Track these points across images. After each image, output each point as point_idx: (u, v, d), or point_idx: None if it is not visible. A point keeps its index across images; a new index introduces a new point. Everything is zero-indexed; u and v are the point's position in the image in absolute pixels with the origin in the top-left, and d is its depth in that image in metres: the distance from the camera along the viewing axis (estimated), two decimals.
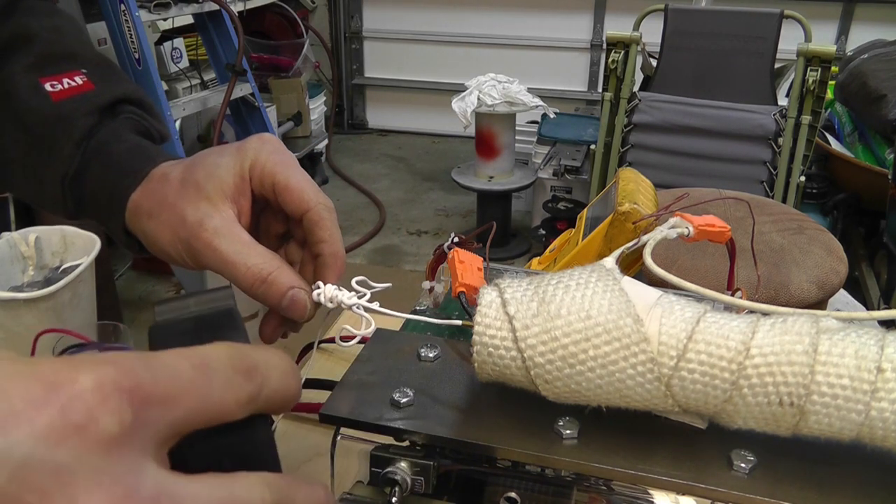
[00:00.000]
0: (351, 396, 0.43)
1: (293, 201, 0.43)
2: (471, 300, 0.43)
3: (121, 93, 0.49)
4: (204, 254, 0.41)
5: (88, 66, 0.49)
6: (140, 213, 0.44)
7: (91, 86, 0.48)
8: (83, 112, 0.47)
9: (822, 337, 0.36)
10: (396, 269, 2.63)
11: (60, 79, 0.47)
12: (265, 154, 0.43)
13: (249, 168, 0.43)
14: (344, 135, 4.00)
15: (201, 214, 0.41)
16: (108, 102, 0.48)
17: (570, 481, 0.43)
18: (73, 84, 0.47)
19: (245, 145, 0.44)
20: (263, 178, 0.43)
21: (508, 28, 3.67)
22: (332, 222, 0.44)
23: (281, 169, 0.43)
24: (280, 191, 0.43)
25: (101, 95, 0.48)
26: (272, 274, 0.41)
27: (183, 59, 2.78)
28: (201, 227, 0.41)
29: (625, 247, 0.46)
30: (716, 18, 2.15)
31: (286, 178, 0.43)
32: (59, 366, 0.23)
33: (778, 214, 1.44)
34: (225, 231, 0.41)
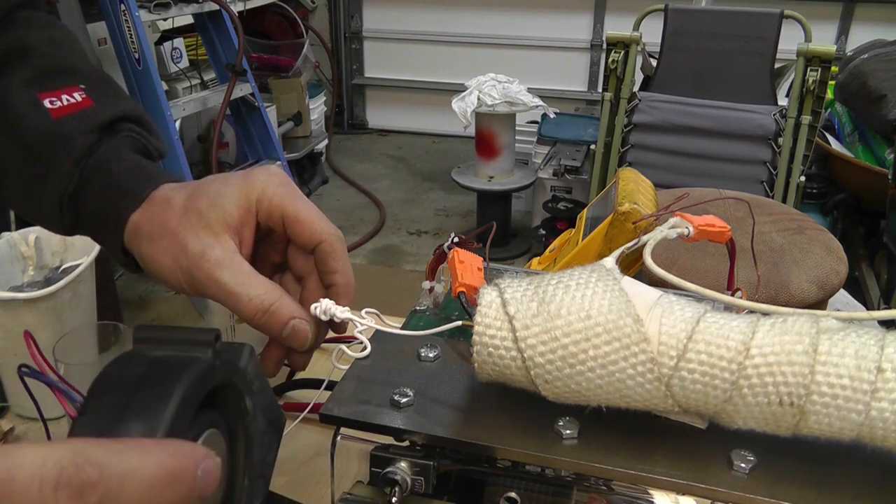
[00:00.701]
0: (351, 396, 0.43)
1: (305, 233, 0.44)
2: (471, 300, 0.43)
3: (121, 110, 0.49)
4: (206, 284, 0.41)
5: (87, 82, 0.49)
6: (140, 235, 0.44)
7: (90, 102, 0.47)
8: (83, 130, 0.46)
9: (822, 337, 0.36)
10: (396, 269, 2.63)
11: (59, 95, 0.47)
12: (273, 187, 0.44)
13: (257, 201, 0.43)
14: (344, 135, 4.00)
15: (203, 245, 0.41)
16: (109, 120, 0.48)
17: (570, 481, 0.43)
18: (72, 101, 0.47)
19: (251, 176, 0.44)
20: (272, 211, 0.44)
21: (508, 28, 3.67)
22: (344, 252, 0.45)
23: (290, 202, 0.44)
24: (290, 223, 0.44)
25: (100, 113, 0.47)
26: (274, 304, 0.41)
27: (183, 59, 2.78)
28: (203, 258, 0.41)
29: (625, 247, 0.46)
30: (716, 18, 2.15)
31: (296, 210, 0.44)
32: None
33: (778, 214, 1.44)
34: (227, 262, 0.41)
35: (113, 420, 0.29)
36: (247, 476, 0.37)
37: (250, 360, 0.38)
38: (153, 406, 0.30)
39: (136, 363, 0.32)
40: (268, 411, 0.39)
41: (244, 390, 0.37)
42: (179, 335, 0.34)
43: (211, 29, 2.54)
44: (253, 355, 0.39)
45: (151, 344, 0.34)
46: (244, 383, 0.37)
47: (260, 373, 0.39)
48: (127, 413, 0.29)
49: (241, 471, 0.37)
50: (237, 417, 0.37)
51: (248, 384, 0.37)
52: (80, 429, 0.29)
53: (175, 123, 2.30)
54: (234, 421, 0.37)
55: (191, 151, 2.77)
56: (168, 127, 2.22)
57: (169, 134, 2.23)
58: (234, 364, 0.37)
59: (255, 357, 0.39)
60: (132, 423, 0.29)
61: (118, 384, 0.31)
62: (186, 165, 2.28)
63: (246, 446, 0.37)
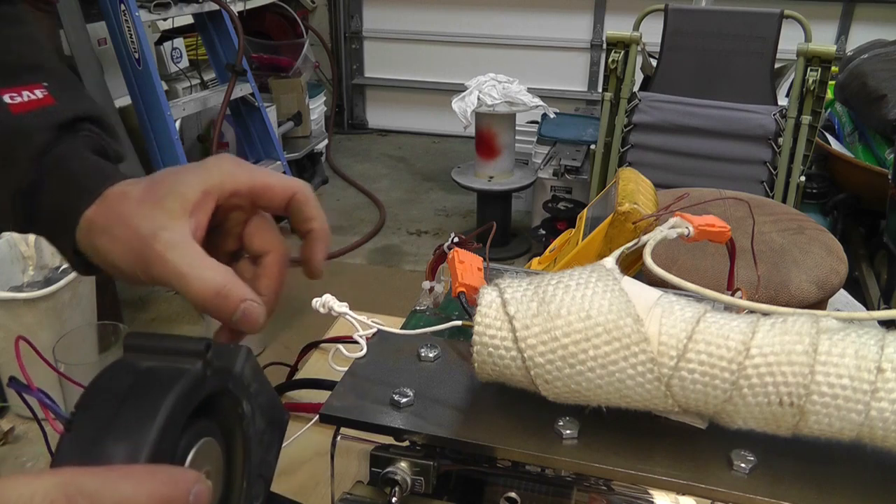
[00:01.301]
0: (351, 396, 0.43)
1: (278, 192, 0.44)
2: (471, 300, 0.43)
3: (82, 110, 0.48)
4: (156, 265, 0.41)
5: (51, 80, 0.48)
6: (93, 229, 0.44)
7: (52, 100, 0.47)
8: (42, 127, 0.46)
9: (822, 337, 0.36)
10: (396, 269, 2.62)
11: (20, 91, 0.46)
12: (231, 168, 0.44)
13: (219, 183, 0.44)
14: (344, 135, 4.00)
15: (156, 227, 0.41)
16: (69, 119, 0.47)
17: (570, 481, 0.43)
18: (33, 97, 0.46)
19: (208, 163, 0.45)
20: (238, 188, 0.44)
21: (508, 28, 3.67)
22: (315, 200, 0.46)
23: (252, 173, 0.45)
24: (260, 190, 0.44)
25: (61, 111, 0.47)
26: (226, 287, 0.41)
27: (183, 59, 2.77)
28: (155, 239, 0.41)
29: (625, 247, 0.46)
30: (716, 18, 2.15)
31: (261, 177, 0.44)
32: None
33: (778, 214, 1.44)
34: (179, 244, 0.41)
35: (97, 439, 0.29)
36: (245, 478, 0.37)
37: (247, 362, 0.38)
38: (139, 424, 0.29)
39: (125, 374, 0.32)
40: (268, 411, 0.39)
41: (240, 395, 0.36)
42: (170, 344, 0.34)
43: (211, 29, 2.54)
44: (249, 357, 0.38)
45: (142, 353, 0.34)
46: (240, 388, 0.36)
47: (258, 374, 0.39)
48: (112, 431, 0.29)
49: (240, 472, 0.37)
50: (234, 421, 0.37)
51: (245, 388, 0.37)
52: (65, 449, 0.29)
53: (175, 123, 2.30)
54: (231, 425, 0.36)
55: (191, 151, 2.77)
56: (168, 127, 2.22)
57: (169, 134, 2.23)
58: (229, 370, 0.36)
59: (253, 358, 0.38)
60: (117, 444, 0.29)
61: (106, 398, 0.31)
62: None
63: (244, 448, 0.37)
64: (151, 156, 2.29)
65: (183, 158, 2.27)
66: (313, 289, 0.60)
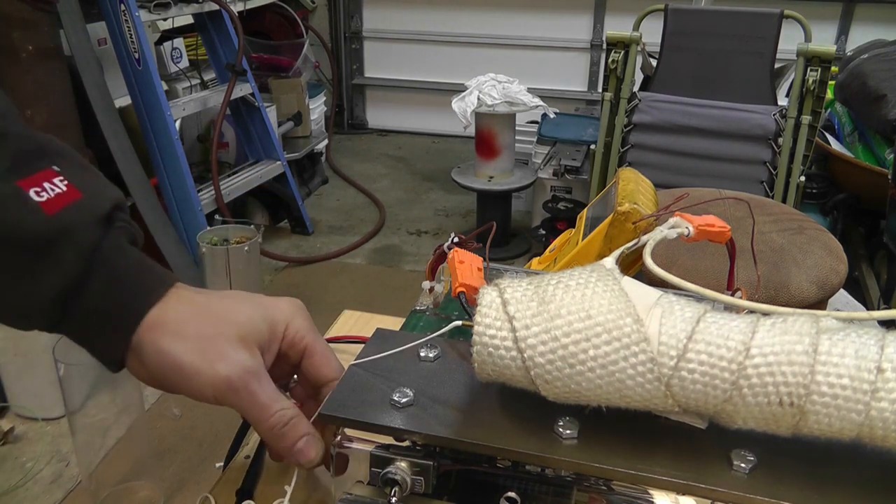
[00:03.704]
0: (351, 396, 0.43)
1: (320, 368, 0.48)
2: (471, 300, 0.43)
3: (111, 199, 0.46)
4: (241, 393, 0.43)
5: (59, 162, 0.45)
6: (164, 329, 0.44)
7: (79, 194, 0.44)
8: (84, 223, 0.43)
9: (822, 337, 0.36)
10: (396, 269, 2.62)
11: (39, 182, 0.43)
12: (299, 319, 0.48)
13: (286, 328, 0.47)
14: (344, 135, 4.00)
15: (242, 358, 0.44)
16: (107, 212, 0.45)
17: (570, 481, 0.43)
18: (58, 190, 0.43)
19: (280, 305, 0.48)
20: (296, 342, 0.47)
21: (508, 28, 3.67)
22: None
23: (312, 336, 0.48)
24: (309, 356, 0.48)
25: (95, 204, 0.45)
26: (293, 419, 0.45)
27: (183, 59, 2.77)
28: (244, 369, 0.44)
29: (625, 247, 0.46)
30: (716, 18, 2.15)
31: (315, 345, 0.48)
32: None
33: (778, 214, 1.44)
34: (262, 376, 0.45)
35: None
36: None
37: None
38: None
39: None
40: None
41: None
42: None
43: (211, 29, 2.54)
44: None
45: None
46: None
47: None
48: None
49: None
50: None
51: None
52: None
53: (175, 123, 2.30)
54: None
55: (191, 151, 2.77)
56: (168, 127, 2.22)
57: (169, 134, 2.23)
58: None
59: None
60: None
61: None
62: (186, 165, 2.28)
63: None
64: (151, 156, 2.29)
65: (183, 159, 2.27)
66: (313, 289, 0.61)
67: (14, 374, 1.68)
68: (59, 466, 1.60)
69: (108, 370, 0.46)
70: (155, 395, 1.82)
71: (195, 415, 1.74)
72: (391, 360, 0.46)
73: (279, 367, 0.49)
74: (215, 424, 1.67)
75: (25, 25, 1.86)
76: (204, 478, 1.51)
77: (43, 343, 1.54)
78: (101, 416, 0.70)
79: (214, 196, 2.39)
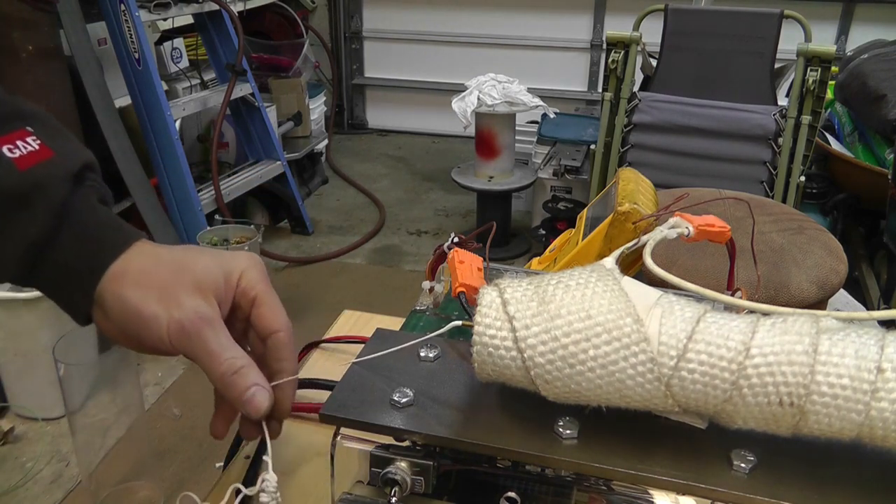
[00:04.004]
0: (351, 396, 0.43)
1: (268, 318, 0.48)
2: (471, 300, 0.43)
3: (82, 158, 0.48)
4: (192, 339, 0.44)
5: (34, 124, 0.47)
6: (125, 279, 0.45)
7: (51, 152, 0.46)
8: (56, 179, 0.46)
9: (822, 337, 0.36)
10: (396, 269, 2.62)
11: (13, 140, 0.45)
12: (253, 271, 0.48)
13: (239, 277, 0.48)
14: (344, 135, 4.00)
15: (197, 304, 0.45)
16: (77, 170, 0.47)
17: (570, 481, 0.43)
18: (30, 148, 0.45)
19: (237, 256, 0.49)
20: (248, 290, 0.48)
21: (508, 28, 3.67)
22: (293, 347, 0.49)
23: (263, 286, 0.48)
24: (258, 305, 0.48)
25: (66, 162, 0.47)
26: (243, 368, 0.44)
27: (183, 59, 2.77)
28: (197, 315, 0.44)
29: (625, 247, 0.46)
30: (716, 18, 2.15)
31: (266, 295, 0.48)
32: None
33: (778, 214, 1.44)
34: (215, 323, 0.45)
35: None
36: None
37: None
38: None
39: None
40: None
41: None
42: None
43: (211, 29, 2.54)
44: None
45: None
46: None
47: None
48: None
49: None
50: None
51: None
52: None
53: (175, 123, 2.30)
54: None
55: (191, 151, 2.77)
56: (168, 127, 2.22)
57: (169, 134, 2.23)
58: None
59: None
60: None
61: None
62: (186, 165, 2.28)
63: None
64: (151, 156, 2.29)
65: (183, 159, 2.27)
66: (313, 289, 0.60)
67: (14, 374, 1.68)
68: (59, 466, 1.60)
69: (77, 323, 0.48)
70: (155, 395, 1.82)
71: (195, 415, 1.74)
72: (391, 360, 0.46)
73: (237, 321, 0.49)
74: None
75: (25, 25, 1.86)
76: (204, 478, 1.51)
77: (43, 343, 1.54)
78: (101, 416, 0.69)
79: (214, 196, 2.39)
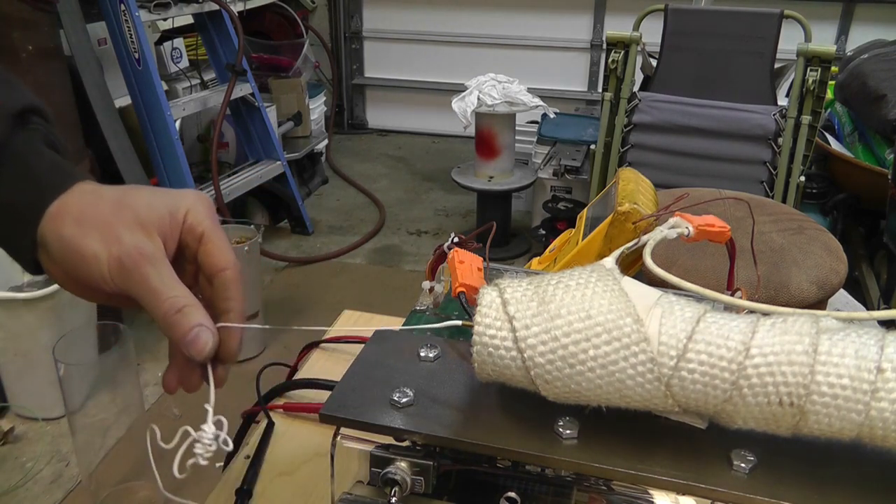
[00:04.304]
0: (351, 396, 0.43)
1: (215, 255, 0.46)
2: (471, 300, 0.43)
3: (27, 101, 0.48)
4: (132, 275, 0.43)
5: None
6: (64, 217, 0.44)
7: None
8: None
9: (822, 337, 0.36)
10: (396, 269, 2.63)
11: None
12: (201, 207, 0.47)
13: (185, 214, 0.46)
14: (344, 135, 4.00)
15: (137, 240, 0.43)
16: (18, 110, 0.47)
17: (570, 481, 0.43)
18: None
19: (183, 193, 0.47)
20: (195, 227, 0.46)
21: (508, 28, 3.67)
22: (241, 285, 0.47)
23: (210, 224, 0.47)
24: (206, 242, 0.46)
25: (8, 103, 0.47)
26: (188, 307, 0.43)
27: (183, 59, 2.77)
28: (138, 251, 0.43)
29: (625, 247, 0.46)
30: (716, 18, 2.15)
31: (214, 232, 0.46)
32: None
33: (778, 214, 1.44)
34: (157, 260, 0.43)
35: None
36: None
37: None
38: None
39: None
40: None
41: None
42: None
43: (211, 29, 2.54)
44: None
45: None
46: None
47: None
48: None
49: None
50: None
51: None
52: None
53: (175, 123, 2.30)
54: None
55: (191, 151, 2.77)
56: (168, 127, 2.22)
57: (169, 134, 2.23)
58: None
59: None
60: None
61: None
62: (186, 165, 2.28)
63: None
64: (151, 156, 2.29)
65: (183, 159, 2.27)
66: (313, 289, 0.60)
67: (14, 374, 1.68)
68: (59, 466, 1.60)
69: (28, 272, 0.47)
70: (155, 395, 1.82)
71: (195, 415, 1.73)
72: (391, 360, 0.46)
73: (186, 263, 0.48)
74: None
75: (25, 25, 1.86)
76: (204, 478, 1.51)
77: (43, 343, 1.54)
78: (101, 416, 0.70)
79: (214, 196, 2.39)
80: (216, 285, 0.46)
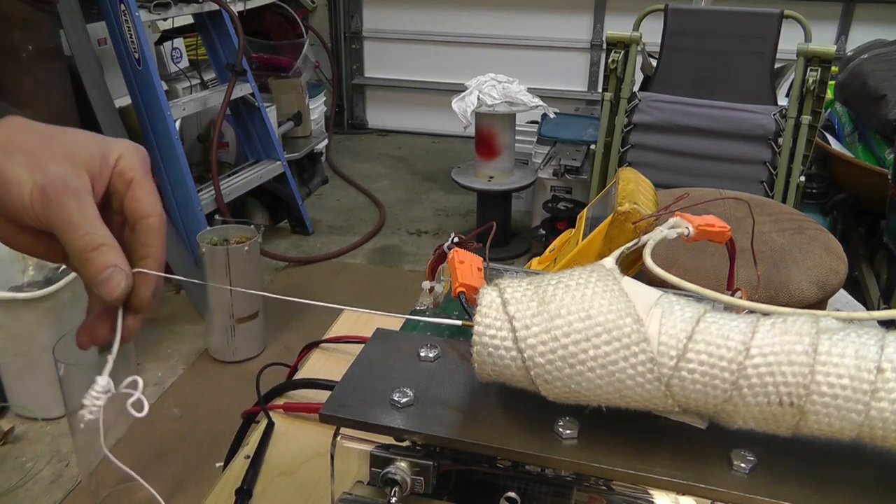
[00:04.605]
0: (351, 396, 0.43)
1: (142, 201, 0.45)
2: (471, 300, 0.43)
3: None
4: (53, 205, 0.42)
5: None
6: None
7: None
8: None
9: (822, 337, 0.36)
10: (396, 269, 2.63)
11: None
12: (136, 155, 0.46)
13: (117, 159, 0.45)
14: (344, 135, 4.00)
15: (64, 172, 0.42)
16: None
17: (570, 481, 0.43)
18: None
19: (119, 140, 0.47)
20: (125, 172, 0.45)
21: (508, 28, 3.67)
22: (164, 235, 0.46)
23: (142, 172, 0.46)
24: (134, 189, 0.45)
25: None
26: (105, 246, 0.42)
27: (183, 59, 2.77)
28: (63, 182, 0.42)
29: (625, 247, 0.46)
30: (716, 18, 2.15)
31: (143, 179, 0.46)
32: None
33: (778, 214, 1.44)
34: (81, 195, 0.42)
35: None
36: None
37: None
38: None
39: None
40: None
41: None
42: None
43: (211, 29, 2.54)
44: None
45: None
46: None
47: None
48: None
49: None
50: None
51: None
52: None
53: (175, 123, 2.30)
54: None
55: (191, 151, 2.78)
56: (168, 127, 2.22)
57: (169, 134, 2.23)
58: None
59: None
60: None
61: None
62: (186, 165, 2.28)
63: None
64: (151, 156, 2.29)
65: (183, 158, 2.27)
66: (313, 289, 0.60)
67: (14, 374, 1.68)
68: (59, 466, 1.60)
69: None
70: (155, 395, 1.82)
71: (195, 415, 1.74)
72: (391, 360, 0.46)
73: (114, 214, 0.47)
74: (215, 424, 1.67)
75: (25, 25, 1.86)
76: (204, 478, 1.51)
77: (43, 343, 1.54)
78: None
79: (214, 196, 2.39)
80: (138, 231, 0.45)
